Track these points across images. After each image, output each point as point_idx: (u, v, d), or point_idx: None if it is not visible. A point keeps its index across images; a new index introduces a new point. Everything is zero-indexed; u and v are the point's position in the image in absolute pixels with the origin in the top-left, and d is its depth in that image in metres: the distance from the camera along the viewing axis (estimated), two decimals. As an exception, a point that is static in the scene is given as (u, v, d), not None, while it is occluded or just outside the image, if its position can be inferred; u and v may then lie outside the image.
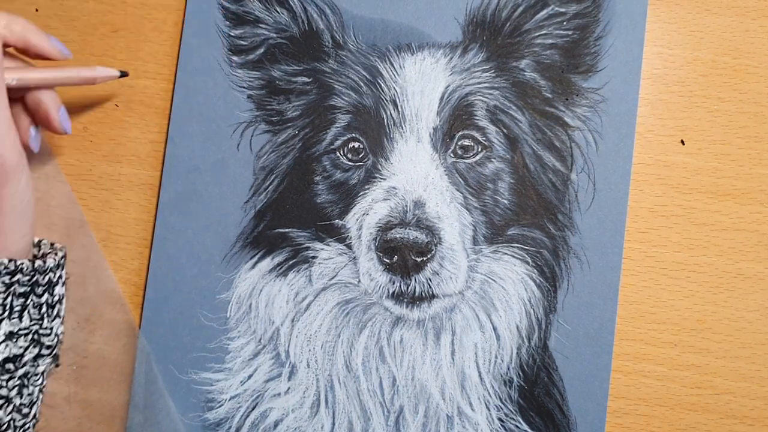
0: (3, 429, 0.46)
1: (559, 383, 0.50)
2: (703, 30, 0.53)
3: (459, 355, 0.50)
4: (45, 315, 0.48)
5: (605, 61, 0.52)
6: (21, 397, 0.47)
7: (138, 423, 0.52)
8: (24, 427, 0.48)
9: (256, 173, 0.53)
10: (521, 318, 0.50)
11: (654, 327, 0.51)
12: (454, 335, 0.50)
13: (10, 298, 0.46)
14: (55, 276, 0.49)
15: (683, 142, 0.52)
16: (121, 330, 0.53)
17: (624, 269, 0.51)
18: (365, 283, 0.50)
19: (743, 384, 0.50)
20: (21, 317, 0.47)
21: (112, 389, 0.52)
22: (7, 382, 0.46)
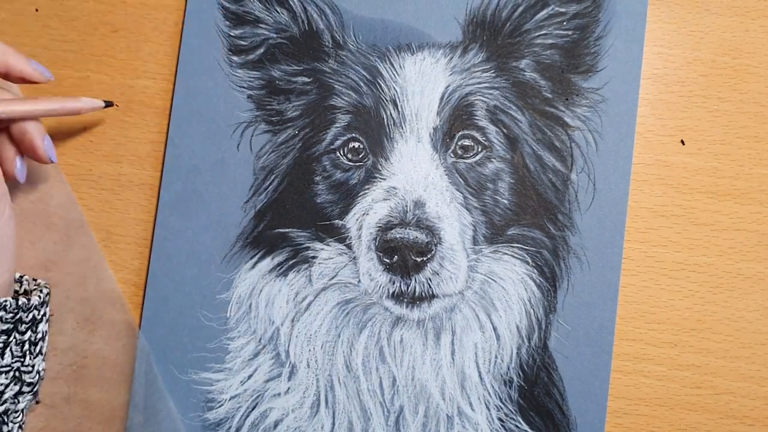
0: None
1: (559, 383, 0.50)
2: (703, 30, 0.53)
3: (459, 355, 0.50)
4: (27, 352, 0.48)
5: (605, 61, 0.52)
6: None
7: (138, 423, 0.51)
8: None
9: (256, 173, 0.53)
10: (521, 318, 0.50)
11: (654, 327, 0.51)
12: (454, 335, 0.50)
13: None
14: (39, 314, 0.48)
15: (683, 142, 0.52)
16: (121, 330, 0.53)
17: (624, 269, 0.51)
18: (365, 283, 0.50)
19: (743, 384, 0.50)
20: (2, 354, 0.46)
21: (112, 389, 0.52)
22: None
